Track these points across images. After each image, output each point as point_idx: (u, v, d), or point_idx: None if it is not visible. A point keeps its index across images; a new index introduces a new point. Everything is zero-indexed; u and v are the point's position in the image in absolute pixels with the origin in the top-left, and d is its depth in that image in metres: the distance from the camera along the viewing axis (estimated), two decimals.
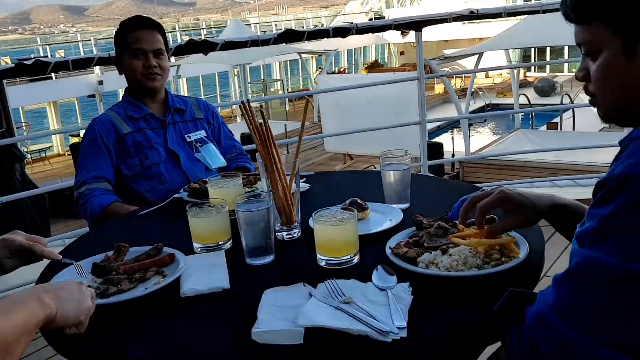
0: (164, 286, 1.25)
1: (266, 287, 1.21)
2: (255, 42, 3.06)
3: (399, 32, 3.29)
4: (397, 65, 29.14)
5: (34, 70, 2.72)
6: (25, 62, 2.74)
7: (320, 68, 22.92)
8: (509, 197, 1.24)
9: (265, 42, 3.07)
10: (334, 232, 1.30)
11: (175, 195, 1.87)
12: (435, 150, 11.66)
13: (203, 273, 1.31)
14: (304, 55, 21.68)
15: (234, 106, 22.58)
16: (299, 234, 1.51)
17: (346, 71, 27.19)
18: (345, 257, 1.30)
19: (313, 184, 1.93)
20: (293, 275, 1.28)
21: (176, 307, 1.21)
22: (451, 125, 15.16)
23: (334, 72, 24.71)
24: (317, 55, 23.51)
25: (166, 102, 2.30)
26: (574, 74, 1.26)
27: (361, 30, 3.17)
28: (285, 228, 1.49)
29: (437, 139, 13.75)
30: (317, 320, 1.05)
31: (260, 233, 1.34)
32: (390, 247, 1.29)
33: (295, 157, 1.47)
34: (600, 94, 1.00)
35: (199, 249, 1.46)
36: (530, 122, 14.55)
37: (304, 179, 1.94)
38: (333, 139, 13.48)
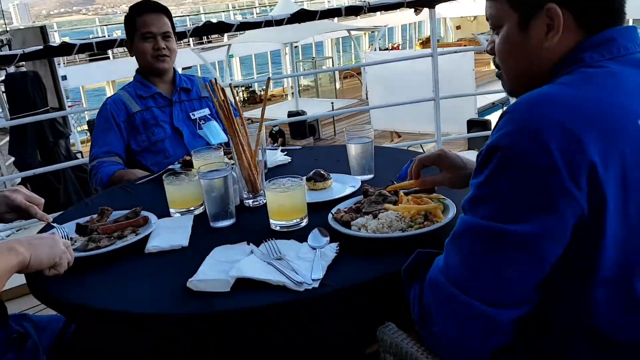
0: (132, 243, 1.44)
1: (220, 245, 1.37)
2: (269, 23, 3.20)
3: (412, 9, 3.34)
4: (453, 40, 28.56)
5: (61, 51, 2.95)
6: (53, 44, 2.98)
7: (372, 45, 22.79)
8: (446, 156, 1.37)
9: (279, 23, 3.19)
10: (282, 198, 1.44)
11: (170, 167, 2.05)
12: (481, 127, 11.53)
13: (168, 233, 1.48)
14: (356, 32, 21.63)
15: (286, 85, 22.86)
16: (264, 201, 1.65)
17: (400, 47, 26.90)
18: (293, 221, 1.45)
19: (295, 158, 2.07)
20: (247, 237, 1.43)
21: (139, 261, 1.38)
22: (504, 104, 14.84)
23: (387, 49, 24.50)
24: (369, 32, 23.39)
25: (174, 82, 2.47)
26: None
27: (373, 8, 3.25)
28: (251, 195, 1.65)
29: (489, 116, 13.53)
30: (245, 272, 1.20)
31: (220, 199, 1.50)
32: (331, 213, 1.43)
33: (259, 130, 1.62)
34: (502, 67, 1.09)
35: (174, 214, 1.63)
36: None
37: (285, 152, 2.08)
38: (381, 117, 13.50)
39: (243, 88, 22.36)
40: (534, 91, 0.90)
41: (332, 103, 15.05)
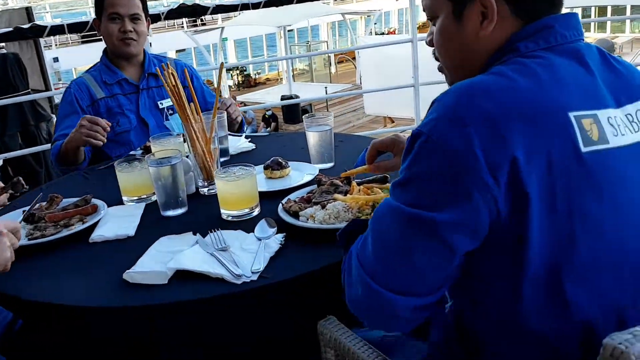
0: (78, 232, 1.40)
1: (168, 235, 1.34)
2: (245, 6, 3.13)
3: None
4: None
5: (33, 33, 2.89)
6: (23, 26, 2.92)
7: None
8: (399, 141, 1.34)
9: (255, 6, 3.13)
10: (232, 188, 1.40)
11: (130, 153, 2.01)
12: None
13: (116, 222, 1.44)
14: (352, 16, 21.44)
15: (281, 69, 22.70)
16: None
17: (396, 32, 26.70)
18: (244, 211, 1.41)
19: (260, 144, 2.03)
20: (196, 226, 1.39)
21: (83, 251, 1.35)
22: None
23: (382, 33, 24.33)
24: (365, 16, 23.19)
25: (143, 66, 2.35)
26: (636, 34, 1.27)
27: None
28: (206, 183, 1.61)
29: None
30: (183, 264, 1.17)
31: (170, 187, 1.46)
32: (282, 203, 1.39)
33: (213, 117, 1.57)
34: (441, 59, 1.05)
35: (127, 202, 1.59)
36: None
37: (249, 139, 2.04)
38: (374, 102, 13.43)
39: (238, 71, 22.20)
40: (465, 80, 0.86)
41: (326, 88, 14.95)
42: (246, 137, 2.06)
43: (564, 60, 0.87)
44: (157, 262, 1.20)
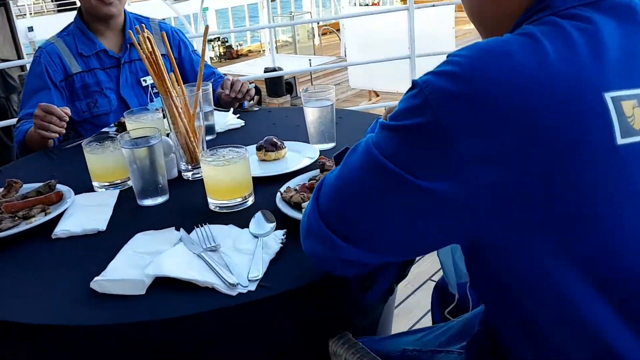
0: (39, 225, 1.18)
1: (146, 230, 1.13)
2: None
3: None
4: None
5: None
6: None
7: None
8: None
9: None
10: (221, 173, 1.19)
11: (103, 130, 1.77)
12: None
13: (84, 213, 1.23)
14: None
15: (263, 40, 22.19)
16: None
17: (380, 3, 26.27)
18: (235, 200, 1.20)
19: (250, 121, 1.81)
20: (179, 219, 1.19)
21: (44, 249, 1.13)
22: None
23: (367, 4, 23.90)
24: None
25: (124, 33, 2.04)
26: None
27: None
28: (190, 167, 1.39)
29: None
30: (165, 270, 0.96)
31: (147, 172, 1.24)
32: (280, 192, 1.18)
33: (197, 89, 1.35)
34: (468, 12, 0.88)
35: (98, 188, 1.37)
36: None
37: (238, 115, 1.82)
38: (359, 75, 13.14)
39: (219, 42, 21.67)
40: (488, 39, 0.70)
41: (310, 60, 14.60)
42: (234, 112, 1.84)
43: (609, 20, 0.69)
44: (133, 267, 0.99)
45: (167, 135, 1.43)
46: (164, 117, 1.62)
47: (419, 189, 0.68)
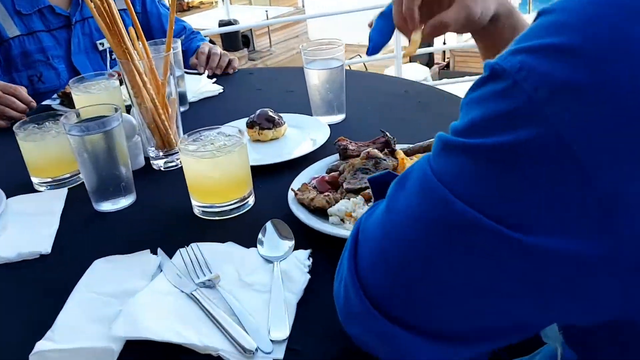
0: None
1: (109, 251, 0.80)
2: None
3: None
4: None
5: None
6: None
7: None
8: None
9: None
10: (209, 168, 0.86)
11: (43, 103, 1.40)
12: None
13: (20, 228, 0.88)
14: None
15: None
16: None
17: None
18: (229, 203, 0.88)
19: (228, 86, 1.46)
20: (154, 231, 0.87)
21: None
22: None
23: None
24: None
25: None
26: None
27: None
28: (162, 154, 1.05)
29: None
30: (141, 329, 0.64)
31: (104, 165, 0.90)
32: (293, 190, 0.86)
33: (167, 49, 1.00)
34: None
35: (42, 187, 1.02)
36: (528, 7, 13.65)
37: (214, 80, 1.46)
38: (319, 27, 12.63)
39: None
40: None
41: (267, 11, 13.95)
42: (209, 76, 1.48)
43: None
44: (93, 321, 0.67)
45: (128, 111, 1.09)
46: (121, 84, 1.27)
47: (527, 250, 0.40)
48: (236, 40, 14.01)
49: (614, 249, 0.38)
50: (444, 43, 10.99)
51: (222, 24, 12.61)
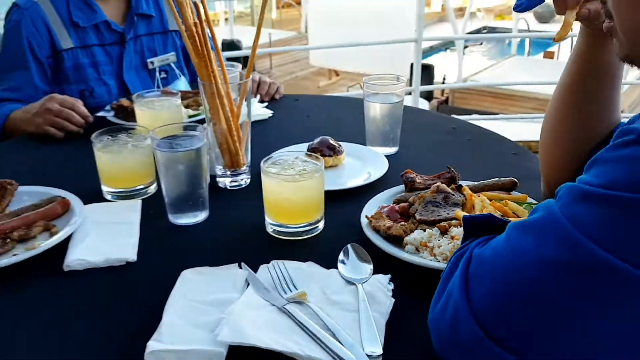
0: (45, 251, 0.88)
1: (190, 262, 0.85)
2: None
3: None
4: None
5: None
6: None
7: None
8: None
9: None
10: (290, 190, 0.92)
11: (98, 114, 1.45)
12: (425, 72, 11.08)
13: (103, 234, 0.93)
14: None
15: (218, 9, 21.39)
16: (249, 181, 1.13)
17: None
18: (303, 225, 0.93)
19: (277, 110, 1.52)
20: (230, 245, 0.92)
21: (51, 286, 0.83)
22: (445, 46, 14.46)
23: None
24: None
25: (129, 0, 1.63)
26: None
27: None
28: (229, 173, 1.11)
29: (427, 60, 13.06)
30: (247, 336, 0.69)
31: (186, 181, 0.95)
32: (367, 217, 0.92)
33: (247, 75, 1.06)
34: (619, 17, 0.62)
35: (110, 195, 1.07)
36: (526, 49, 13.94)
37: (265, 104, 1.53)
38: (320, 53, 12.78)
39: None
40: None
41: (270, 34, 14.11)
42: (260, 101, 1.55)
43: None
44: (196, 326, 0.72)
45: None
46: (183, 102, 1.33)
47: None
48: (237, 60, 14.16)
49: None
50: (444, 79, 11.21)
51: (225, 43, 12.72)
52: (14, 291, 0.82)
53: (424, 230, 0.86)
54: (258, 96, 1.55)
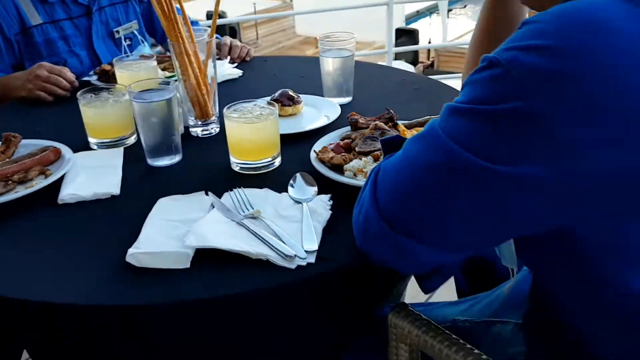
0: (38, 190, 1.04)
1: (165, 195, 1.01)
2: None
3: None
4: None
5: None
6: None
7: None
8: None
9: None
10: (249, 131, 1.08)
11: (83, 79, 1.59)
12: (409, 36, 11.13)
13: (91, 175, 1.09)
14: None
15: None
16: (218, 129, 1.28)
17: None
18: (262, 161, 1.10)
19: (247, 71, 1.67)
20: (200, 181, 1.08)
21: (48, 216, 1.00)
22: (430, 11, 14.46)
23: None
24: None
25: None
26: None
27: None
28: (200, 123, 1.27)
29: (414, 25, 13.08)
30: (210, 241, 0.86)
31: (160, 129, 1.11)
32: (315, 151, 1.09)
33: (211, 35, 1.21)
34: None
35: (96, 146, 1.23)
36: None
37: (235, 64, 1.68)
38: (306, 23, 12.78)
39: None
40: (572, 2, 0.61)
41: (254, 3, 14.06)
42: (231, 61, 1.70)
43: None
44: (169, 237, 0.88)
45: None
46: (159, 64, 1.48)
47: (505, 177, 0.61)
48: (223, 32, 14.13)
49: (564, 177, 0.59)
50: (429, 42, 11.24)
51: (209, 14, 12.68)
52: (21, 222, 0.98)
53: (361, 159, 1.03)
54: (229, 58, 1.70)
